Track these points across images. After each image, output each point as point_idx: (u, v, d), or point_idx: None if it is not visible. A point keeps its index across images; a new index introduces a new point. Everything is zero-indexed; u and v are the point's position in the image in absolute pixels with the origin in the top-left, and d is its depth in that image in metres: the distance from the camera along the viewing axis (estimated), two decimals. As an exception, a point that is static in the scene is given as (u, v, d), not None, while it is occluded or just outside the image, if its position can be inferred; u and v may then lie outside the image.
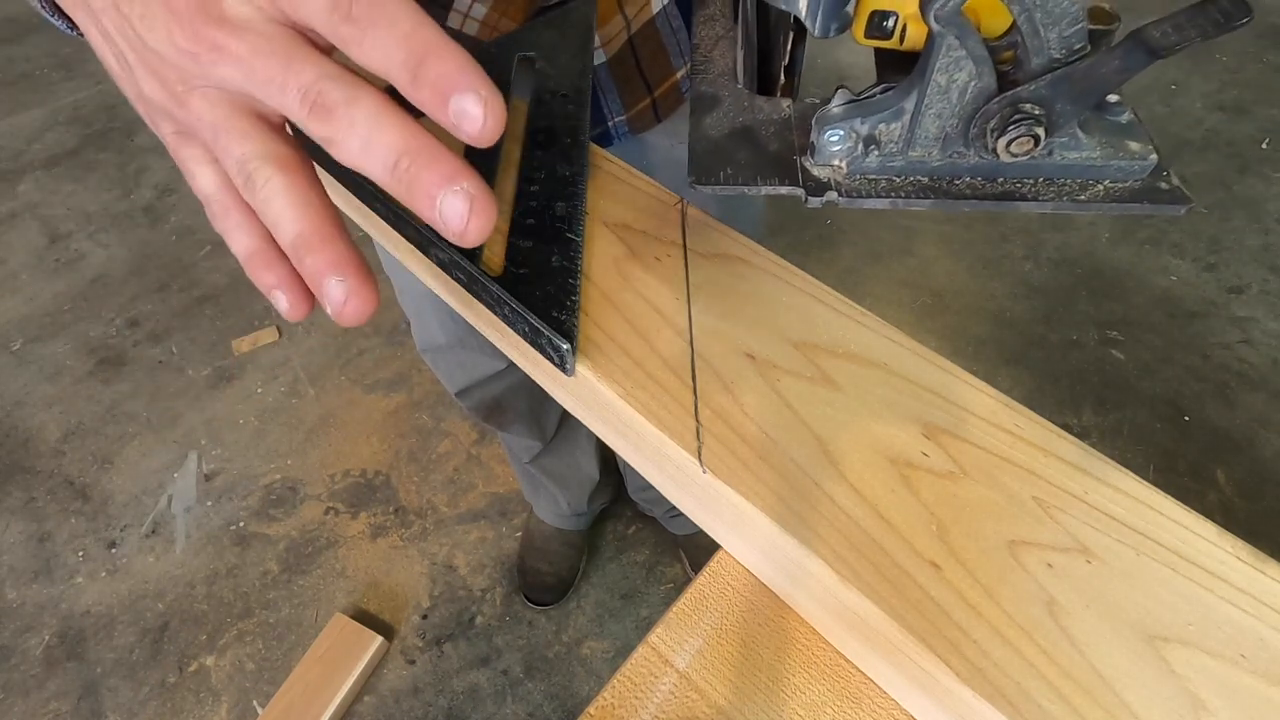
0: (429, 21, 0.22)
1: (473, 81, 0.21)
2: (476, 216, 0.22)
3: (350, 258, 0.24)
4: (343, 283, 0.23)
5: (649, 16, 0.58)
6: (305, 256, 0.24)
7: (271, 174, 0.24)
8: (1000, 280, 1.73)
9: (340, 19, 0.22)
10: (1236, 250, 1.75)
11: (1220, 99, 2.06)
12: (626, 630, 1.31)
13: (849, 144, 0.28)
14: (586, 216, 0.36)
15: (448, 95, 0.21)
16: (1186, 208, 0.27)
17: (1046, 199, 0.28)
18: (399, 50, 0.21)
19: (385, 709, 1.23)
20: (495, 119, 0.21)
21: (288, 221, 0.24)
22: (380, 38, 0.21)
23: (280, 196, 0.24)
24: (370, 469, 1.51)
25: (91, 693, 1.26)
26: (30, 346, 1.71)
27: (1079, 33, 0.24)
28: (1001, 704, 0.23)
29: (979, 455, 0.29)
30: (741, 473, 0.28)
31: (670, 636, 0.32)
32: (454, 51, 0.21)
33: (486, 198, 0.22)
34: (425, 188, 0.22)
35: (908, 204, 0.28)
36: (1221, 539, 0.27)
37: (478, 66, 0.22)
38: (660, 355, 0.31)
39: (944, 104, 0.26)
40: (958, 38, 0.24)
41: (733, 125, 0.31)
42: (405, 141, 0.22)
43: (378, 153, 0.22)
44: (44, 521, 1.45)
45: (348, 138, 0.22)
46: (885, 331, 0.33)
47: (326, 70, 0.22)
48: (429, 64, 0.21)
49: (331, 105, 0.22)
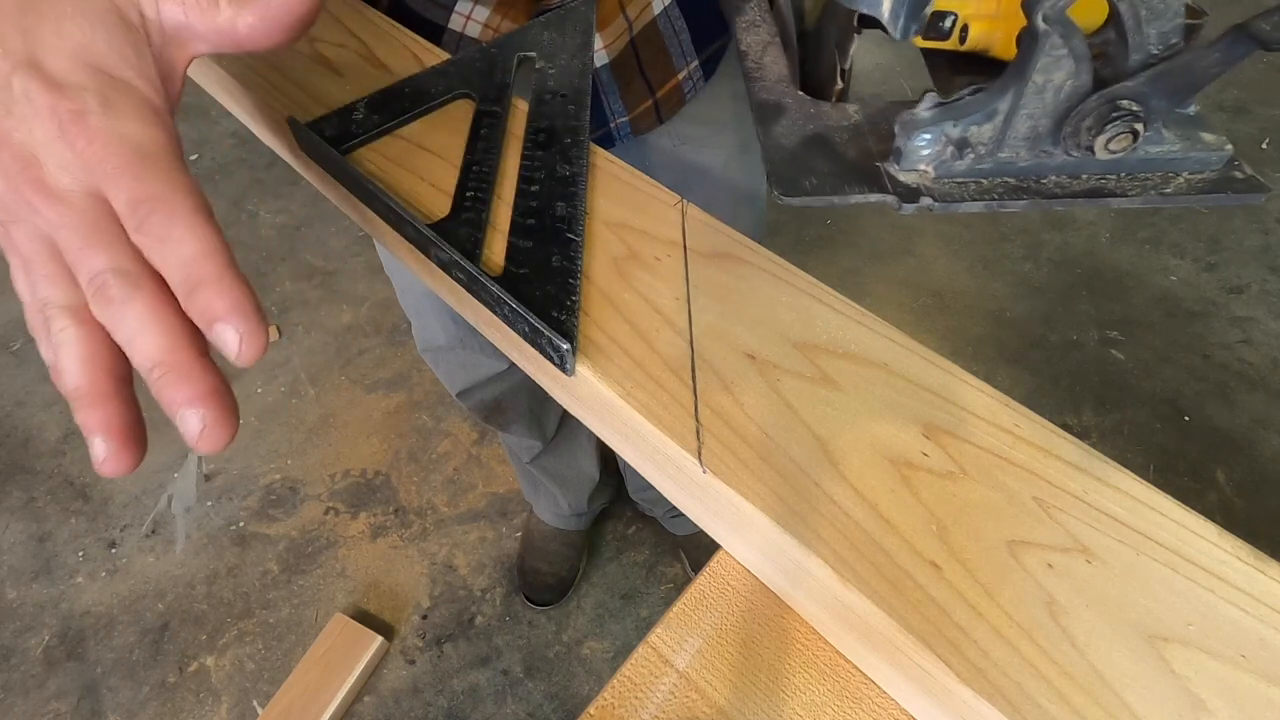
0: (213, 249, 0.24)
1: (235, 317, 0.23)
2: (205, 439, 0.24)
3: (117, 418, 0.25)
4: (106, 443, 0.25)
5: (651, 17, 0.58)
6: (79, 410, 0.25)
7: (66, 324, 0.25)
8: (1000, 280, 1.73)
9: (134, 226, 0.24)
10: (1236, 250, 1.75)
11: (1220, 99, 2.06)
12: (626, 630, 1.31)
13: (938, 148, 0.27)
14: (586, 216, 0.36)
15: (211, 322, 0.23)
16: (1265, 196, 0.27)
17: (1134, 193, 0.27)
18: (177, 271, 0.24)
19: (385, 709, 1.23)
20: (251, 350, 0.24)
21: (68, 373, 0.25)
22: (164, 253, 0.24)
23: (67, 347, 0.25)
24: (370, 469, 1.51)
25: (91, 693, 1.26)
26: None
27: (1176, 28, 0.24)
28: (1001, 704, 0.23)
29: (979, 455, 0.29)
30: (741, 473, 0.28)
31: (670, 636, 0.32)
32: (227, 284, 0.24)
33: (222, 424, 0.24)
34: (169, 400, 0.24)
35: (1001, 205, 0.28)
36: (1221, 539, 0.27)
37: (247, 297, 0.24)
38: (660, 355, 0.31)
39: (1039, 103, 0.26)
40: (1062, 37, 0.24)
41: (804, 133, 0.30)
42: (162, 353, 0.24)
43: (138, 354, 0.24)
44: (44, 521, 1.45)
45: (118, 329, 0.24)
46: (885, 331, 0.33)
47: (116, 262, 0.24)
48: (199, 292, 0.24)
49: (110, 298, 0.24)
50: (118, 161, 0.24)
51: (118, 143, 0.24)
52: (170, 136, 0.26)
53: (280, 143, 0.43)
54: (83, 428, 0.25)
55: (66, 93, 0.25)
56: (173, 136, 0.26)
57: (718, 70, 0.64)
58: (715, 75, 0.64)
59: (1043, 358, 1.59)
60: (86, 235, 0.24)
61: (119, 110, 0.25)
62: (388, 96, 0.40)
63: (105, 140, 0.24)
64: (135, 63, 0.26)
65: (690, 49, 0.61)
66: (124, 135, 0.24)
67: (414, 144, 0.39)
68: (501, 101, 0.40)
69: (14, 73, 0.25)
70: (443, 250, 0.33)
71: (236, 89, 0.43)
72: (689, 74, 0.62)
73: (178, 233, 0.24)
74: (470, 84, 0.41)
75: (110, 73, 0.26)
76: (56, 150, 0.24)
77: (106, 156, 0.24)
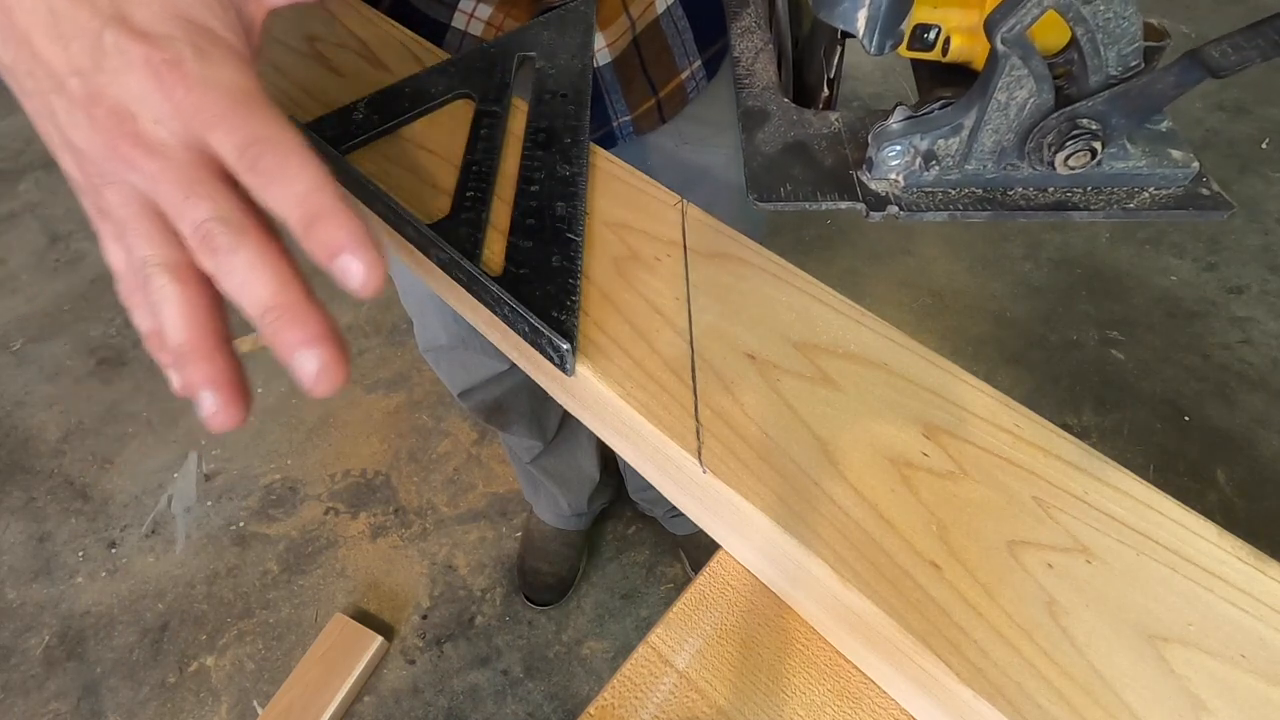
0: (326, 183, 0.24)
1: (358, 247, 0.23)
2: (322, 381, 0.24)
3: (225, 373, 0.25)
4: (215, 395, 0.25)
5: (654, 17, 0.57)
6: (184, 366, 0.25)
7: (165, 282, 0.25)
8: (1000, 280, 1.73)
9: (246, 167, 0.24)
10: (1236, 250, 1.75)
11: (1220, 99, 2.06)
12: (626, 630, 1.31)
13: (907, 159, 0.28)
14: (586, 216, 0.36)
15: (334, 254, 0.23)
16: (1228, 213, 0.28)
17: (1097, 208, 0.28)
18: (295, 208, 0.24)
19: (385, 709, 1.23)
20: (376, 281, 0.24)
21: (172, 330, 0.25)
22: (279, 192, 0.24)
23: (169, 305, 0.25)
24: (370, 469, 1.51)
25: (91, 693, 1.26)
26: (30, 346, 1.71)
27: (1135, 51, 0.25)
28: (1001, 704, 0.23)
29: (979, 455, 0.29)
30: (741, 473, 0.28)
31: (670, 636, 0.32)
32: (346, 217, 0.24)
33: (337, 364, 0.24)
34: (284, 344, 0.24)
35: (966, 216, 0.29)
36: (1221, 539, 0.27)
37: (365, 232, 0.24)
38: (660, 355, 0.31)
39: (1002, 120, 0.27)
40: (1021, 58, 0.24)
41: (785, 140, 0.32)
42: (274, 297, 0.24)
43: (249, 300, 0.24)
44: (44, 521, 1.45)
45: (227, 278, 0.24)
46: (885, 331, 0.33)
47: (219, 210, 0.24)
48: (319, 225, 0.23)
49: (216, 246, 0.24)
50: (219, 108, 0.24)
51: (217, 89, 0.24)
52: (260, 84, 0.26)
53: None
54: (188, 386, 0.25)
55: (159, 43, 0.24)
56: (261, 84, 0.26)
57: (721, 69, 0.64)
58: (718, 75, 0.64)
59: (1043, 358, 1.59)
60: (189, 186, 0.24)
61: (213, 58, 0.25)
62: (388, 96, 0.40)
63: (205, 87, 0.24)
64: (220, 13, 0.26)
65: (693, 48, 0.61)
66: (221, 82, 0.24)
67: (414, 144, 0.39)
68: (501, 101, 0.40)
69: (105, 28, 0.24)
70: (443, 250, 0.33)
71: (236, 89, 0.43)
72: (692, 73, 0.62)
73: (291, 169, 0.24)
74: (470, 84, 0.41)
75: (198, 22, 0.25)
76: (153, 102, 0.24)
77: (207, 103, 0.24)
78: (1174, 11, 2.34)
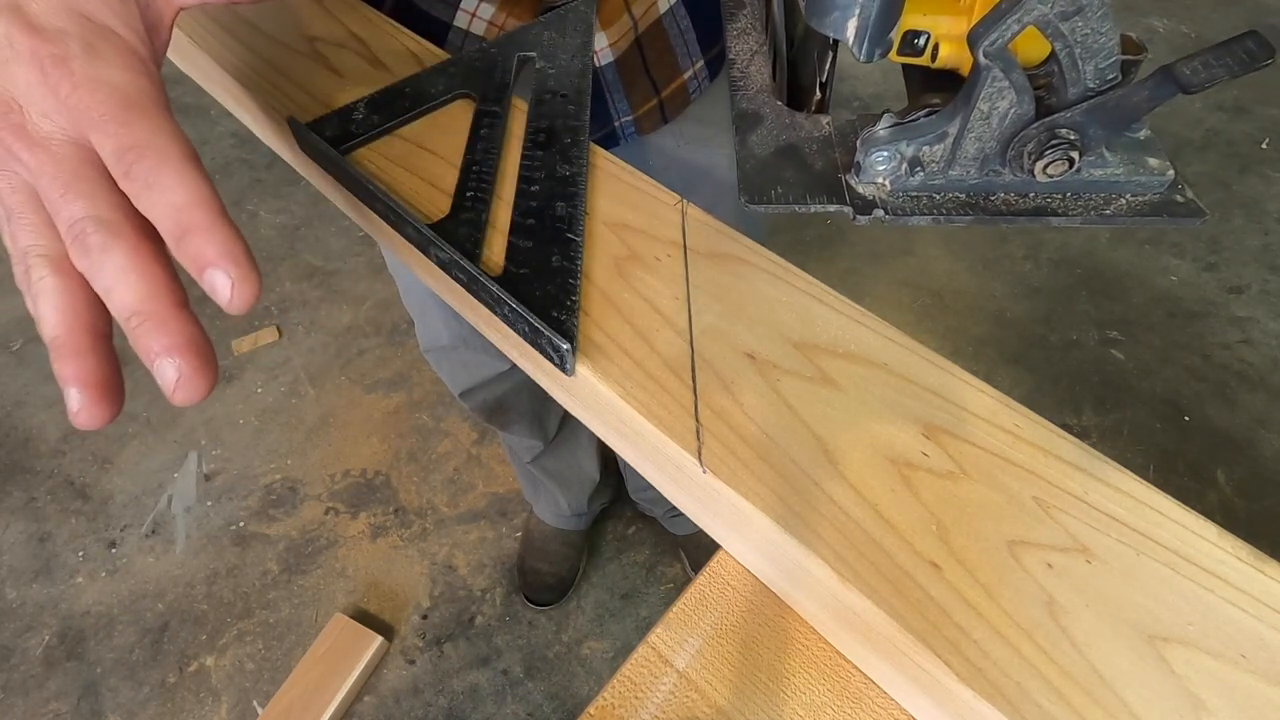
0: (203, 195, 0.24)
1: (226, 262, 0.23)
2: (181, 390, 0.24)
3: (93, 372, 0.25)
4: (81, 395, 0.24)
5: (656, 16, 0.57)
6: (57, 360, 0.25)
7: (45, 274, 0.25)
8: (1000, 280, 1.73)
9: (121, 173, 0.24)
10: (1236, 250, 1.75)
11: (1220, 99, 2.06)
12: (626, 630, 1.31)
13: (894, 164, 0.29)
14: (586, 216, 0.36)
15: (203, 268, 0.23)
16: (1202, 220, 0.29)
17: (1075, 214, 0.29)
18: (166, 219, 0.23)
19: (385, 709, 1.23)
20: (244, 296, 0.23)
21: (46, 323, 0.25)
22: (153, 202, 0.24)
23: (44, 296, 0.25)
24: (370, 469, 1.51)
25: (91, 693, 1.26)
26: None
27: (1113, 65, 0.26)
28: (1001, 704, 0.23)
29: (979, 455, 0.29)
30: (741, 473, 0.28)
31: (670, 636, 0.32)
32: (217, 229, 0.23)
33: (198, 374, 0.24)
34: (145, 349, 0.24)
35: (949, 221, 0.30)
36: (1221, 539, 0.27)
37: (238, 243, 0.24)
38: (660, 355, 0.31)
39: (985, 128, 0.27)
40: (1003, 70, 0.25)
41: (777, 143, 0.32)
42: (141, 303, 0.23)
43: (116, 303, 0.24)
44: (44, 521, 1.45)
45: (96, 279, 0.24)
46: (885, 331, 0.33)
47: (95, 210, 0.24)
48: (189, 237, 0.23)
49: (88, 246, 0.24)
50: (103, 108, 0.24)
51: (103, 89, 0.24)
52: (157, 86, 0.26)
53: (281, 143, 0.43)
54: (59, 378, 0.25)
55: (48, 36, 0.24)
56: (159, 86, 0.26)
57: (723, 70, 0.64)
58: (720, 75, 0.64)
59: (1043, 358, 1.59)
60: (67, 183, 0.24)
61: (103, 56, 0.25)
62: (388, 96, 0.40)
63: (90, 86, 0.24)
64: (120, 10, 0.26)
65: (696, 48, 0.61)
66: (109, 81, 0.24)
67: (414, 144, 0.39)
68: (501, 101, 0.40)
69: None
70: (443, 250, 0.33)
71: (237, 89, 0.43)
72: (694, 73, 0.62)
73: (166, 180, 0.23)
74: (470, 84, 0.41)
75: (94, 19, 0.25)
76: (39, 96, 0.24)
77: (92, 103, 0.24)
78: (1174, 12, 2.34)
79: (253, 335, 1.70)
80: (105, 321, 0.25)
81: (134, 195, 0.24)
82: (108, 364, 0.25)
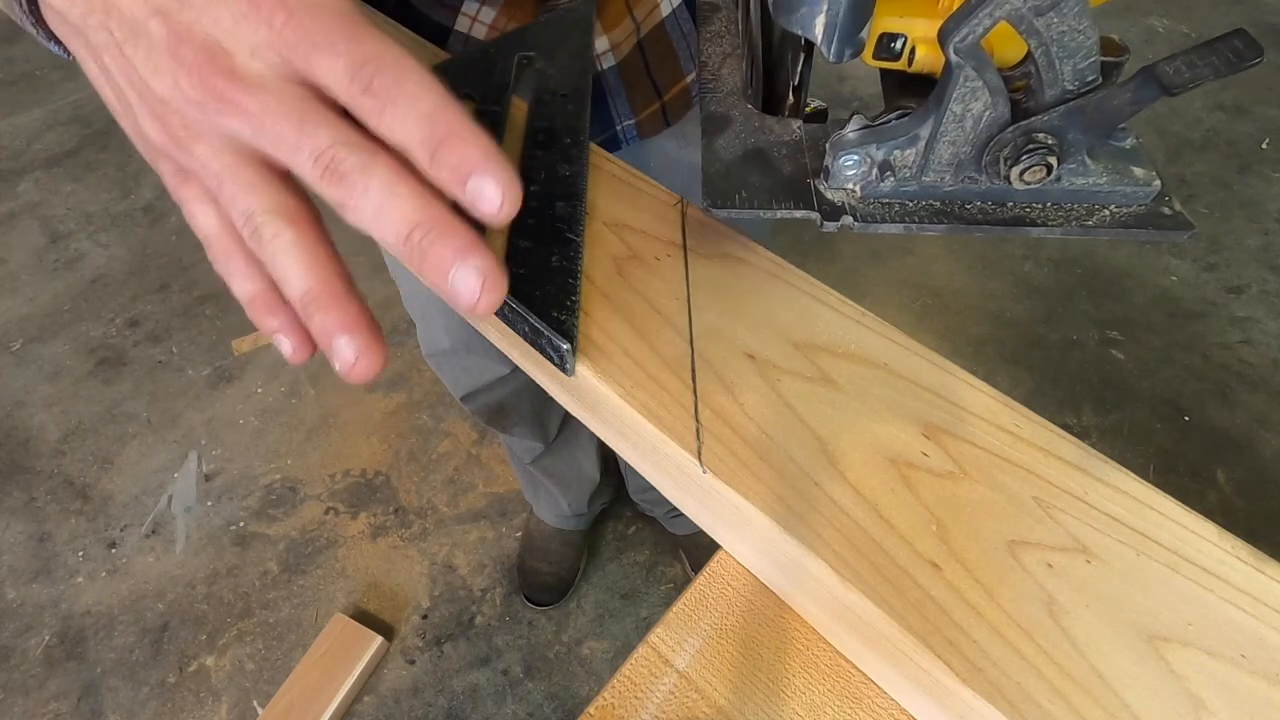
0: (450, 102, 0.22)
1: (492, 166, 0.21)
2: (488, 293, 0.22)
3: (360, 316, 0.24)
4: (352, 342, 0.23)
5: (658, 20, 0.57)
6: (315, 314, 0.24)
7: (280, 228, 0.23)
8: (1000, 280, 1.73)
9: (359, 90, 0.22)
10: (1236, 250, 1.75)
11: (1220, 99, 2.06)
12: (626, 630, 1.31)
13: (864, 169, 0.28)
14: (586, 216, 0.36)
15: (466, 176, 0.21)
16: (1189, 234, 0.27)
17: (1055, 224, 0.28)
18: (419, 129, 0.21)
19: (385, 709, 1.23)
20: (511, 202, 0.22)
21: (296, 278, 0.23)
22: (400, 115, 0.22)
23: (288, 252, 0.23)
24: (370, 469, 1.51)
25: (91, 693, 1.26)
26: (30, 346, 1.71)
27: (1092, 65, 0.24)
28: (1001, 704, 0.23)
29: (979, 455, 0.29)
30: (741, 473, 0.28)
31: (670, 636, 0.32)
32: (475, 135, 0.22)
33: (497, 274, 0.22)
34: (437, 261, 0.22)
35: (921, 229, 0.28)
36: (1221, 539, 0.27)
37: (498, 151, 0.22)
38: (660, 355, 0.31)
39: (958, 132, 0.26)
40: (975, 69, 0.24)
41: (745, 147, 0.31)
42: (419, 213, 0.22)
43: (390, 222, 0.22)
44: (44, 521, 1.45)
45: (361, 204, 0.22)
46: (885, 331, 0.33)
47: (341, 135, 0.22)
48: (448, 146, 0.21)
49: (345, 171, 0.22)
50: (326, 29, 0.22)
51: (321, 10, 0.22)
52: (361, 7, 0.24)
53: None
54: (321, 334, 0.23)
55: None
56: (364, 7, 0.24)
57: None
58: None
59: (1043, 358, 1.59)
60: (301, 115, 0.22)
61: None
62: (388, 96, 0.40)
63: (307, 9, 0.22)
64: None
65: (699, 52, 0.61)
66: (322, 4, 0.22)
67: (414, 144, 0.39)
68: (501, 101, 0.40)
69: None
70: (443, 250, 0.33)
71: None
72: (697, 78, 0.62)
73: (409, 89, 0.22)
74: (470, 84, 0.41)
75: None
76: (247, 31, 0.22)
77: (314, 25, 0.22)
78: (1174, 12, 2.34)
79: (252, 335, 1.70)
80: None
81: (375, 112, 0.22)
82: (367, 308, 0.24)
